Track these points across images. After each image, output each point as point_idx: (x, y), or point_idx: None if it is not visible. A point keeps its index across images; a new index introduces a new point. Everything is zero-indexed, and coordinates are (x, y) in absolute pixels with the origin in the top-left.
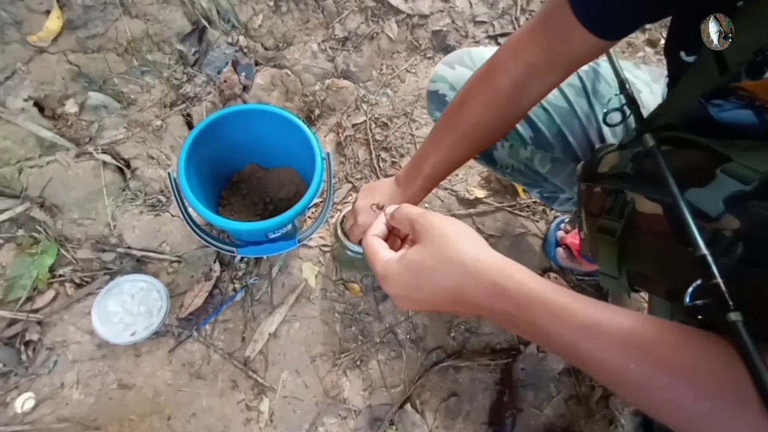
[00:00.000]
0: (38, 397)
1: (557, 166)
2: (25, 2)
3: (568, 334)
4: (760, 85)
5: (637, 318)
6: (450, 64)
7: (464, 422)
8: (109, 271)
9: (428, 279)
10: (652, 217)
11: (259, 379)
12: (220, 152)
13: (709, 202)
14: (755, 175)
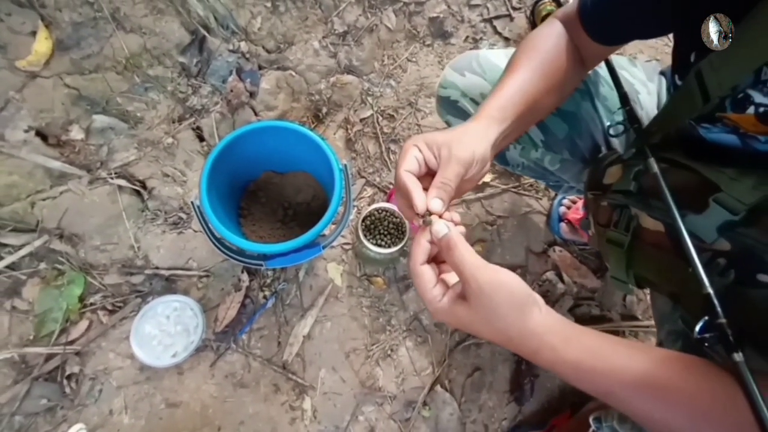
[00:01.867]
0: (89, 427)
1: (566, 165)
2: (7, 23)
3: (599, 389)
4: (743, 119)
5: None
6: (460, 71)
7: (488, 393)
8: (140, 293)
9: (474, 332)
10: (655, 234)
11: (299, 379)
12: (236, 168)
13: (705, 229)
14: (742, 206)
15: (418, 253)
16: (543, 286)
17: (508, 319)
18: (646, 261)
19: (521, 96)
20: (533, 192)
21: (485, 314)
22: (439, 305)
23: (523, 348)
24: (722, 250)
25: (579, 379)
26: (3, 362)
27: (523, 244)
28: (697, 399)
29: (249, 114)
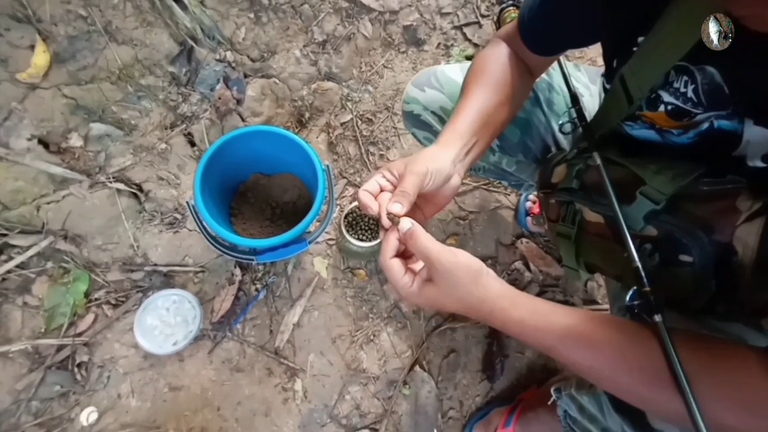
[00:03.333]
0: (100, 410)
1: (521, 166)
2: (6, 38)
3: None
4: (656, 116)
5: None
6: (420, 87)
7: (463, 372)
8: (140, 288)
9: (440, 305)
10: (597, 225)
11: (290, 364)
12: (227, 170)
13: (634, 218)
14: (663, 197)
15: (387, 249)
16: (512, 275)
17: (467, 288)
18: (591, 249)
19: (476, 115)
20: (502, 189)
21: (448, 288)
22: (410, 290)
23: (481, 312)
24: (650, 235)
25: (525, 335)
26: (18, 353)
27: (493, 237)
28: (619, 349)
29: (236, 120)
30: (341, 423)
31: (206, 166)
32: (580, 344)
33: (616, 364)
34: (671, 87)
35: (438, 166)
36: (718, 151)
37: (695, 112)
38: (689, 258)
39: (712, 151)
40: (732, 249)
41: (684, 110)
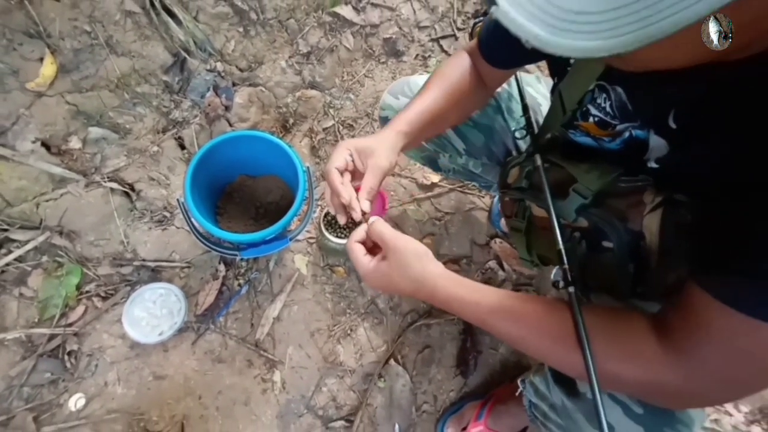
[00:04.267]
0: (88, 396)
1: (486, 168)
2: (19, 52)
3: (479, 316)
4: (589, 126)
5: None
6: (395, 95)
7: (437, 367)
8: (129, 282)
9: (393, 284)
10: (542, 219)
11: (270, 356)
12: (214, 171)
13: (567, 211)
14: (590, 192)
15: (354, 235)
16: (486, 274)
17: (415, 267)
18: (539, 241)
19: (427, 113)
20: (476, 192)
21: (399, 266)
22: (368, 266)
23: (425, 287)
24: (582, 226)
25: (463, 311)
26: (12, 341)
27: (468, 237)
28: (538, 318)
29: (224, 125)
30: (318, 414)
31: (196, 168)
32: (508, 316)
33: (537, 331)
34: (596, 102)
35: (394, 159)
36: (636, 155)
37: (614, 123)
38: (610, 244)
39: (633, 155)
40: (642, 236)
41: (606, 122)
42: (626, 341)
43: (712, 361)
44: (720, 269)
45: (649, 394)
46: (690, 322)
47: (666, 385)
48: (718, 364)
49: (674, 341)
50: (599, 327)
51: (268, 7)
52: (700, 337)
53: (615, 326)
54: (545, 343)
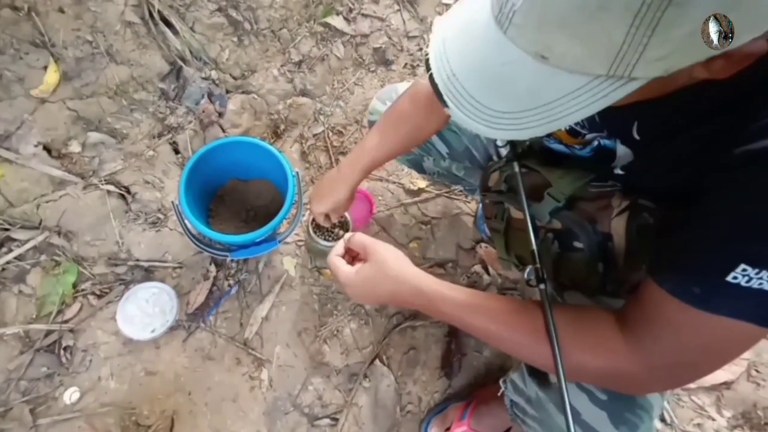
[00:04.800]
0: (82, 390)
1: (469, 171)
2: (25, 60)
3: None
4: (561, 134)
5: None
6: (383, 100)
7: (422, 369)
8: (123, 281)
9: (374, 286)
10: (520, 221)
11: (258, 354)
12: (207, 175)
13: (541, 214)
14: (563, 196)
15: (334, 251)
16: (471, 278)
17: (396, 266)
18: (518, 242)
19: (382, 157)
20: (462, 197)
21: (380, 266)
22: (350, 273)
23: (407, 286)
24: (555, 228)
25: (443, 311)
26: (11, 336)
27: (454, 242)
28: (511, 314)
29: (218, 131)
30: (304, 412)
31: (189, 173)
32: (483, 313)
33: (510, 326)
34: None
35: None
36: (605, 162)
37: (584, 132)
38: (581, 244)
39: (602, 163)
40: (610, 237)
41: (576, 131)
42: (591, 334)
43: (667, 350)
44: (672, 267)
45: (611, 381)
46: (648, 315)
47: (627, 372)
48: (673, 352)
49: (634, 332)
50: (567, 321)
51: (261, 17)
52: (657, 328)
53: (582, 320)
54: (517, 338)
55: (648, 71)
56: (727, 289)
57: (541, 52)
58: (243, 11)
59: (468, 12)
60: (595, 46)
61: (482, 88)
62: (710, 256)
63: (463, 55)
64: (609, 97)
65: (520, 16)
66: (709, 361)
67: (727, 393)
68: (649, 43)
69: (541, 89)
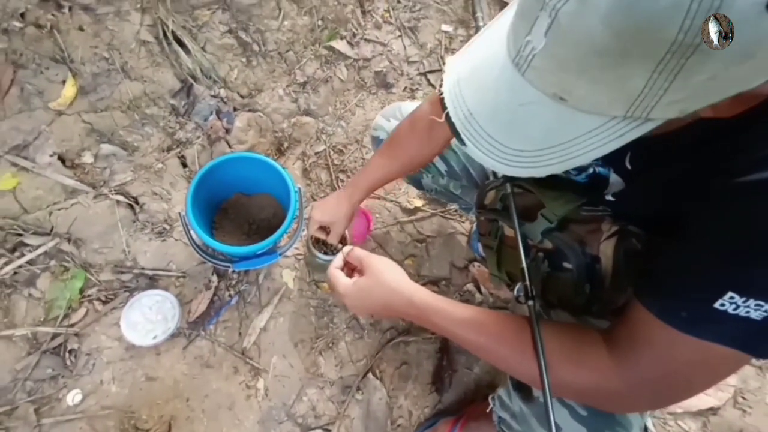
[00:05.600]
0: (84, 392)
1: (465, 190)
2: (45, 75)
3: (447, 326)
4: None
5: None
6: (387, 117)
7: (413, 384)
8: (128, 288)
9: (369, 297)
10: (513, 239)
11: (255, 364)
12: (213, 188)
13: (534, 233)
14: (555, 217)
15: (334, 263)
16: (464, 296)
17: (391, 278)
18: (509, 259)
19: (383, 178)
20: (457, 216)
21: (377, 278)
22: (348, 285)
23: (402, 298)
24: (546, 248)
25: (434, 322)
26: (20, 337)
27: (448, 260)
28: (500, 329)
29: (224, 146)
30: (297, 422)
31: (196, 186)
32: (473, 326)
33: (499, 340)
34: None
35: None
36: (598, 188)
37: None
38: (570, 265)
39: (596, 189)
40: (598, 259)
41: None
42: (577, 350)
43: (650, 370)
44: (660, 290)
45: (594, 398)
46: (634, 335)
47: (610, 390)
48: (656, 372)
49: (619, 351)
50: (554, 337)
51: (269, 40)
52: (642, 348)
53: (568, 337)
54: (504, 351)
55: (665, 113)
56: (715, 315)
57: (560, 94)
58: (252, 33)
59: (482, 54)
60: (615, 91)
61: (500, 128)
62: (700, 282)
63: (480, 96)
64: (625, 137)
65: (540, 59)
66: (692, 384)
67: (713, 419)
68: (670, 88)
69: (558, 129)
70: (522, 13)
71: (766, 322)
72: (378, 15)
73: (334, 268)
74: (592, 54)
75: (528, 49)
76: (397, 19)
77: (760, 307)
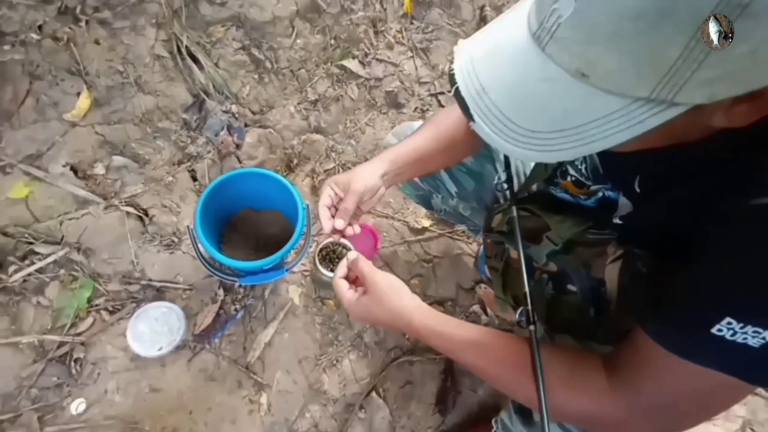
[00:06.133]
0: (88, 402)
1: (474, 212)
2: (60, 87)
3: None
4: (567, 184)
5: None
6: (398, 136)
7: (417, 404)
8: (135, 299)
9: (373, 315)
10: (518, 261)
11: (259, 378)
12: (222, 203)
13: (539, 256)
14: (561, 240)
15: (338, 272)
16: (469, 317)
17: (392, 299)
18: (514, 282)
19: (413, 151)
20: (464, 237)
21: (377, 297)
22: (351, 299)
23: (402, 319)
24: (551, 270)
25: (435, 341)
26: (26, 345)
27: (454, 281)
28: (502, 352)
29: (234, 161)
30: None
31: (205, 200)
32: (474, 348)
33: (500, 363)
34: (573, 163)
35: (371, 183)
36: (607, 213)
37: (588, 184)
38: (574, 288)
39: (604, 213)
40: (603, 283)
41: (581, 182)
42: (577, 374)
43: (650, 395)
44: (659, 314)
45: (593, 423)
46: (634, 360)
47: (609, 416)
48: (655, 398)
49: (619, 376)
50: (554, 360)
51: (282, 57)
52: (642, 373)
53: (568, 362)
54: (505, 375)
55: (693, 96)
56: (712, 340)
57: (582, 69)
58: (265, 51)
59: (497, 33)
60: (645, 62)
61: (513, 105)
62: (697, 306)
63: (495, 71)
64: (644, 124)
65: (566, 28)
66: (693, 412)
67: None
68: (706, 60)
69: (575, 110)
70: None
71: (764, 350)
72: (390, 35)
73: (339, 278)
74: (627, 17)
75: (553, 18)
76: (409, 39)
77: (757, 335)
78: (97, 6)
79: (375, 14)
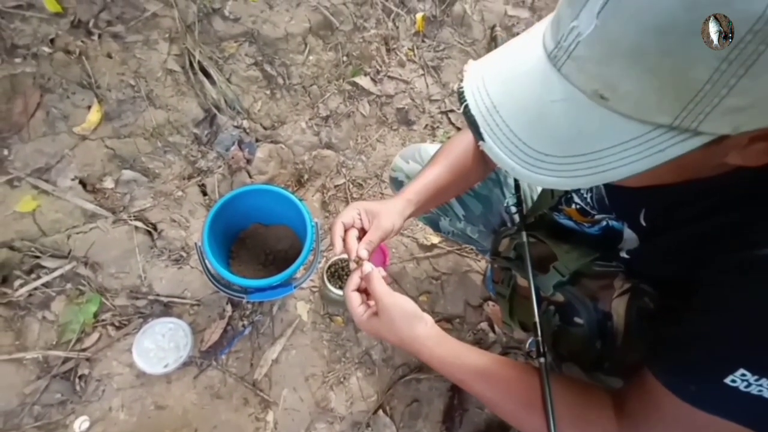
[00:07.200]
0: (92, 419)
1: (482, 235)
2: (71, 99)
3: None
4: (571, 211)
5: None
6: (405, 159)
7: (424, 422)
8: (142, 314)
9: (382, 337)
10: (525, 288)
11: (265, 396)
12: (231, 218)
13: (546, 286)
14: (568, 271)
15: (351, 284)
16: (477, 335)
17: (402, 327)
18: (521, 309)
19: (433, 185)
20: (473, 255)
21: (387, 323)
22: (362, 318)
23: (411, 347)
24: (558, 300)
25: (444, 371)
26: (30, 360)
27: (463, 298)
28: (509, 383)
29: (245, 176)
30: None
31: (214, 216)
32: (482, 379)
33: (508, 395)
34: (579, 192)
35: (398, 224)
36: (612, 242)
37: (593, 213)
38: (581, 320)
39: (609, 243)
40: (610, 316)
41: (586, 210)
42: (586, 412)
43: None
44: (670, 360)
45: None
46: (643, 403)
47: None
48: None
49: (629, 417)
50: (564, 396)
51: (294, 73)
52: (651, 418)
53: (579, 397)
54: (514, 407)
55: (718, 126)
56: (725, 391)
57: (601, 91)
58: (277, 67)
59: (510, 53)
60: (670, 85)
61: (525, 125)
62: (711, 355)
63: (506, 90)
64: (665, 153)
65: (585, 47)
66: None
67: None
68: (737, 86)
69: (591, 135)
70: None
71: None
72: (402, 53)
73: (351, 291)
74: (653, 34)
75: (572, 36)
76: (420, 57)
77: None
78: (110, 20)
79: (387, 32)
